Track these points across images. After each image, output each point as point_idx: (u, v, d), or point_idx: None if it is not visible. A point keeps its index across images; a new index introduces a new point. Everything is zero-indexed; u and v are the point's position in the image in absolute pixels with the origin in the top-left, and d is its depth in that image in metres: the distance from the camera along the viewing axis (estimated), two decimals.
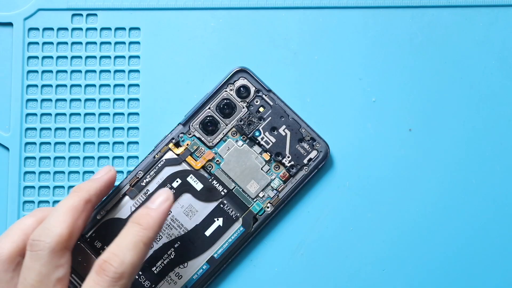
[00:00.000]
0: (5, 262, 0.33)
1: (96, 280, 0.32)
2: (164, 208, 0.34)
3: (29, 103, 0.41)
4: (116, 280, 0.32)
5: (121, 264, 0.32)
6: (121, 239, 0.33)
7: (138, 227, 0.33)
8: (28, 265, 0.32)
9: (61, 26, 0.41)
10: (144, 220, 0.34)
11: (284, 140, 0.39)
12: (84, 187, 0.35)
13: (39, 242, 0.32)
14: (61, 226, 0.33)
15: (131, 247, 0.33)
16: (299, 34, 0.41)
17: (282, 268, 0.39)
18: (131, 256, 0.32)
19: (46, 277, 0.32)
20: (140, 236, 0.33)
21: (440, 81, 0.40)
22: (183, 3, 0.41)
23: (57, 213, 0.33)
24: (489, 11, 0.41)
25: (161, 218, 0.34)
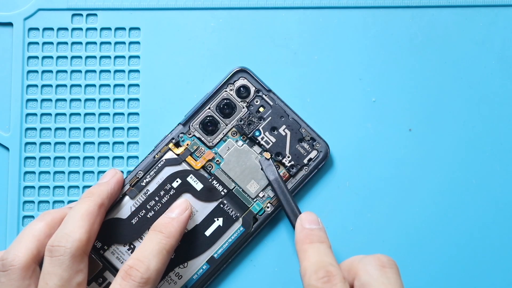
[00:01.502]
0: (23, 270, 0.33)
1: (123, 285, 0.33)
2: (184, 217, 0.36)
3: (29, 103, 0.41)
4: (142, 285, 0.33)
5: (147, 270, 0.33)
6: (145, 246, 0.34)
7: (161, 235, 0.35)
8: (49, 271, 0.32)
9: (61, 26, 0.41)
10: (167, 229, 0.35)
11: (284, 140, 0.39)
12: (96, 191, 0.36)
13: (59, 248, 0.33)
14: (80, 231, 0.33)
15: (155, 254, 0.34)
16: (299, 34, 0.41)
17: (282, 268, 0.39)
18: (155, 262, 0.34)
19: (67, 282, 0.32)
20: (163, 244, 0.34)
21: (440, 81, 0.40)
22: (183, 3, 0.41)
23: (74, 218, 0.34)
24: (489, 11, 0.41)
25: (182, 228, 0.36)
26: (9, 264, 0.33)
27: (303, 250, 0.33)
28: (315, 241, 0.34)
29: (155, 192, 0.38)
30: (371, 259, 0.32)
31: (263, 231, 0.39)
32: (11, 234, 0.40)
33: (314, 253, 0.33)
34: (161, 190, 0.38)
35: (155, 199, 0.38)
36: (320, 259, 0.32)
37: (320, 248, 0.33)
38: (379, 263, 0.32)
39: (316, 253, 0.33)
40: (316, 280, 0.31)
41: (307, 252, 0.33)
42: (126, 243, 0.38)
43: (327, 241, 0.34)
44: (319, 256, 0.32)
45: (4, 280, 0.33)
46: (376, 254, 0.33)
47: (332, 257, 0.32)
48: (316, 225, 0.35)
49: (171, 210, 0.37)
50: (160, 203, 0.38)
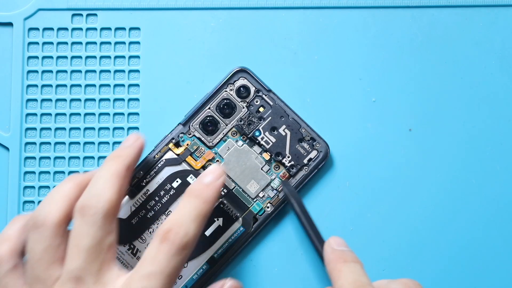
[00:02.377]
0: (55, 227, 0.32)
1: (161, 249, 0.32)
2: (220, 183, 0.35)
3: (29, 103, 0.41)
4: (182, 250, 0.32)
5: (186, 235, 0.32)
6: (182, 211, 0.33)
7: (198, 200, 0.34)
8: (80, 231, 0.32)
9: (61, 26, 0.41)
10: (203, 194, 0.34)
11: (284, 140, 0.39)
12: (123, 153, 0.35)
13: (90, 207, 0.32)
14: (110, 191, 0.33)
15: (193, 219, 0.33)
16: (299, 34, 0.41)
17: (282, 268, 0.39)
18: (194, 227, 0.32)
19: (100, 243, 0.32)
20: (200, 209, 0.33)
21: (440, 81, 0.40)
22: (183, 3, 0.41)
23: (103, 178, 0.33)
24: (489, 11, 0.41)
25: (217, 194, 0.34)
26: (42, 221, 0.32)
27: (337, 269, 0.33)
28: (349, 260, 0.33)
29: (155, 192, 0.38)
30: (399, 284, 0.32)
31: (263, 231, 0.39)
32: None
33: (351, 273, 0.32)
34: (161, 190, 0.38)
35: (155, 199, 0.38)
36: (358, 278, 0.32)
37: (356, 268, 0.33)
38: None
39: (352, 273, 0.32)
40: None
41: (343, 271, 0.33)
42: (126, 243, 0.38)
43: (360, 262, 0.33)
44: (356, 275, 0.32)
45: (36, 237, 0.32)
46: (402, 279, 0.33)
47: (368, 278, 0.32)
48: (346, 247, 0.34)
49: (205, 175, 0.35)
50: (160, 203, 0.38)
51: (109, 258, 0.32)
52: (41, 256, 0.32)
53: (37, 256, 0.32)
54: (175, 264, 0.32)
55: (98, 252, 0.32)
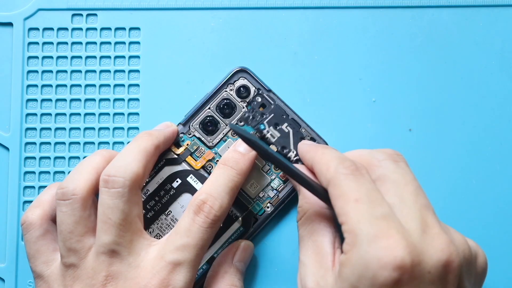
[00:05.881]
0: (83, 199, 0.33)
1: (196, 220, 0.33)
2: (253, 155, 0.35)
3: (29, 103, 0.41)
4: (214, 223, 0.33)
5: (220, 208, 0.33)
6: (218, 182, 0.34)
7: (233, 171, 0.34)
8: (109, 204, 0.32)
9: (61, 26, 0.41)
10: (238, 166, 0.34)
11: (288, 136, 0.39)
12: (153, 133, 0.35)
13: (117, 178, 0.32)
14: (137, 164, 0.33)
15: (228, 191, 0.34)
16: (299, 34, 0.41)
17: (282, 268, 0.39)
18: (228, 200, 0.33)
19: (128, 214, 0.32)
20: (235, 181, 0.34)
21: (440, 81, 0.40)
22: (183, 3, 0.41)
23: (131, 152, 0.34)
24: (489, 11, 0.41)
25: (251, 166, 0.35)
26: (71, 193, 0.33)
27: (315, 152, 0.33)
28: (327, 147, 0.34)
29: (155, 192, 0.38)
30: (382, 153, 0.32)
31: (263, 231, 0.39)
32: (11, 234, 0.40)
33: (332, 151, 0.32)
34: (161, 190, 0.38)
35: (155, 199, 0.38)
36: (340, 154, 0.32)
37: (334, 150, 0.33)
38: (391, 157, 0.32)
39: (334, 151, 0.32)
40: (345, 168, 0.30)
41: (325, 152, 0.32)
42: None
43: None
44: (337, 152, 0.32)
45: (66, 209, 0.33)
46: (382, 149, 0.33)
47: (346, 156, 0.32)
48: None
49: (240, 144, 0.36)
50: (160, 203, 0.38)
51: (138, 228, 0.33)
52: (73, 229, 0.33)
53: (68, 228, 0.33)
54: (208, 236, 0.33)
55: (129, 225, 0.32)
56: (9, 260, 0.40)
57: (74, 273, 0.33)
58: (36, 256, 0.34)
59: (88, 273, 0.32)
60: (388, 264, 0.27)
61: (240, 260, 0.37)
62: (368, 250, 0.27)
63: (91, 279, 0.32)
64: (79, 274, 0.33)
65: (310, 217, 0.33)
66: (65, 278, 0.33)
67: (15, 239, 0.40)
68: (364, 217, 0.28)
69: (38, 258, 0.34)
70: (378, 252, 0.27)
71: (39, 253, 0.34)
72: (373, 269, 0.27)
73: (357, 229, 0.28)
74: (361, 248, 0.28)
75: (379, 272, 0.27)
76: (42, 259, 0.34)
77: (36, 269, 0.34)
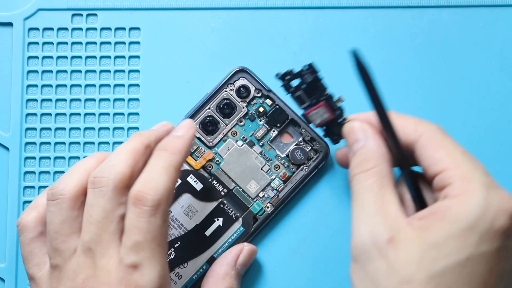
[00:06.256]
0: (71, 200, 0.33)
1: (136, 213, 0.31)
2: (189, 134, 0.34)
3: (29, 103, 0.41)
4: (155, 208, 0.31)
5: (156, 191, 0.31)
6: (151, 166, 0.33)
7: (166, 152, 0.33)
8: (92, 202, 0.32)
9: (61, 26, 0.41)
10: (171, 146, 0.33)
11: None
12: (144, 133, 0.35)
13: (102, 179, 0.32)
14: (123, 165, 0.32)
15: (163, 172, 0.32)
16: (299, 34, 0.41)
17: (282, 268, 0.39)
18: (164, 180, 0.32)
19: (111, 213, 0.32)
20: (169, 160, 0.33)
21: (440, 81, 0.40)
22: (183, 3, 0.41)
23: (118, 153, 0.33)
24: (489, 11, 0.41)
25: (187, 143, 0.34)
26: (59, 193, 0.33)
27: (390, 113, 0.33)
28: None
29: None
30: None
31: (263, 231, 0.39)
32: (12, 234, 0.40)
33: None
34: None
35: None
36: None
37: None
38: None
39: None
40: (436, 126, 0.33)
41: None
42: None
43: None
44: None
45: (54, 209, 0.33)
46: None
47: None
48: None
49: (176, 130, 0.35)
50: None
51: (119, 228, 0.32)
52: (59, 229, 0.32)
53: (55, 228, 0.32)
54: (156, 226, 0.31)
55: (109, 224, 0.32)
56: (9, 260, 0.40)
57: (59, 275, 0.32)
58: (29, 258, 0.34)
59: (69, 275, 0.32)
60: (508, 210, 0.28)
61: (243, 264, 0.37)
62: (488, 195, 0.28)
63: (72, 282, 0.32)
64: (63, 276, 0.32)
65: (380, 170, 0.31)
66: (51, 280, 0.32)
67: (15, 239, 0.39)
68: (477, 168, 0.30)
69: (31, 260, 0.34)
70: (499, 198, 0.28)
71: (32, 255, 0.34)
72: (493, 212, 0.28)
73: (472, 177, 0.29)
74: (479, 192, 0.28)
75: (499, 215, 0.28)
76: (34, 261, 0.34)
77: (29, 271, 0.34)
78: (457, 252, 0.28)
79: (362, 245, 0.29)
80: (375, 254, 0.29)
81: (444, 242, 0.28)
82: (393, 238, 0.29)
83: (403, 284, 0.28)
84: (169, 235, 0.38)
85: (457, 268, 0.28)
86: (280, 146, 0.39)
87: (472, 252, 0.28)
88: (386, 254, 0.28)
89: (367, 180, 0.31)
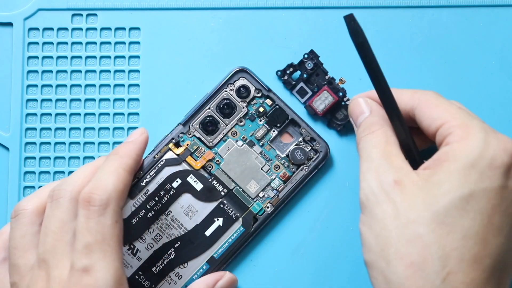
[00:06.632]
0: (32, 214, 0.33)
1: (85, 214, 0.31)
2: (140, 139, 0.35)
3: (29, 103, 0.41)
4: (104, 207, 0.31)
5: (104, 190, 0.31)
6: (100, 170, 0.33)
7: (115, 156, 0.33)
8: (49, 214, 0.32)
9: (61, 26, 0.41)
10: (121, 150, 0.34)
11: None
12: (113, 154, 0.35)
13: (59, 191, 0.32)
14: (81, 177, 0.33)
15: (111, 173, 0.32)
16: (299, 34, 0.41)
17: (282, 268, 0.39)
18: (112, 180, 0.32)
19: (66, 224, 0.31)
20: (118, 162, 0.33)
21: (440, 81, 0.40)
22: (183, 3, 0.41)
23: (80, 168, 0.34)
24: (489, 11, 0.41)
25: (136, 147, 0.34)
26: (21, 208, 0.33)
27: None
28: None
29: (155, 192, 0.38)
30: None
31: (263, 231, 0.39)
32: None
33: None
34: (161, 190, 0.38)
35: (155, 199, 0.38)
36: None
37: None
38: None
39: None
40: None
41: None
42: (126, 243, 0.38)
43: None
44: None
45: (15, 225, 0.33)
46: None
47: None
48: None
49: (128, 137, 0.35)
50: (160, 203, 0.38)
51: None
52: (17, 244, 0.32)
53: (14, 243, 0.32)
54: (106, 225, 0.31)
55: (64, 234, 0.31)
56: None
57: None
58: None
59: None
60: (508, 149, 0.29)
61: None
62: (487, 136, 0.30)
63: None
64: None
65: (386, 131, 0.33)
66: None
67: None
68: (474, 117, 0.31)
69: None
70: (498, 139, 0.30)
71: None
72: (493, 151, 0.29)
73: (471, 124, 0.30)
74: (479, 134, 0.30)
75: (498, 154, 0.29)
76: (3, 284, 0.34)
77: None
78: (459, 187, 0.28)
79: (370, 191, 0.30)
80: (382, 198, 0.30)
81: (446, 179, 0.29)
82: (399, 181, 0.30)
83: (409, 223, 0.29)
84: (170, 235, 0.38)
85: (460, 204, 0.28)
86: (280, 146, 0.39)
87: (474, 188, 0.28)
88: (392, 197, 0.29)
89: (373, 139, 0.32)
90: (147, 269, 0.38)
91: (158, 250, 0.38)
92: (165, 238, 0.38)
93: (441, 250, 0.28)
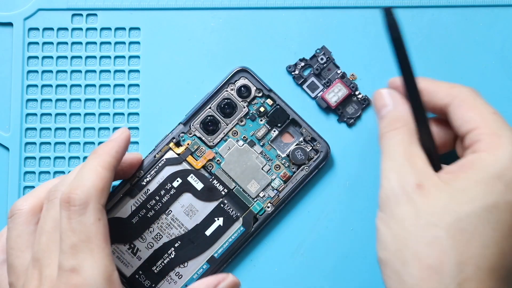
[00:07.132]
0: (28, 214, 0.33)
1: (67, 215, 0.31)
2: (120, 138, 0.35)
3: (29, 103, 0.41)
4: (84, 206, 0.31)
5: (83, 190, 0.31)
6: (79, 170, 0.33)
7: (94, 155, 0.33)
8: (45, 214, 0.32)
9: (61, 26, 0.41)
10: (100, 149, 0.34)
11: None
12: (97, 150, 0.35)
13: (55, 192, 0.32)
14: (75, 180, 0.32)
15: (90, 171, 0.32)
16: (299, 34, 0.41)
17: (282, 268, 0.39)
18: (90, 179, 0.32)
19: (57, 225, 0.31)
20: (96, 161, 0.33)
21: None
22: (183, 3, 0.41)
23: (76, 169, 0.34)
24: (489, 11, 0.41)
25: (116, 145, 0.34)
26: (16, 208, 0.33)
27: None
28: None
29: (156, 192, 0.38)
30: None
31: (263, 231, 0.39)
32: None
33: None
34: (161, 190, 0.38)
35: (156, 198, 0.38)
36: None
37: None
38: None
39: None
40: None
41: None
42: (127, 243, 0.38)
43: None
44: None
45: (11, 225, 0.33)
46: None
47: None
48: None
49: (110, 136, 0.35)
50: (160, 202, 0.38)
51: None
52: (14, 244, 0.32)
53: (11, 243, 0.32)
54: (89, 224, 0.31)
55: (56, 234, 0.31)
56: None
57: None
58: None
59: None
60: None
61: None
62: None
63: None
64: None
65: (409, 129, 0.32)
66: None
67: None
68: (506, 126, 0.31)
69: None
70: None
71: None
72: None
73: (501, 134, 0.30)
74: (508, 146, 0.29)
75: None
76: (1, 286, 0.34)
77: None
78: (483, 197, 0.28)
79: (391, 190, 0.30)
80: (403, 199, 0.30)
81: (471, 187, 0.29)
82: (421, 185, 0.29)
83: (429, 226, 0.28)
84: (170, 235, 0.38)
85: (483, 214, 0.28)
86: (281, 146, 0.39)
87: (498, 199, 0.28)
88: (414, 199, 0.29)
89: (396, 136, 0.32)
90: (147, 268, 0.38)
91: (158, 249, 0.38)
92: (165, 238, 0.38)
93: (459, 256, 0.28)
